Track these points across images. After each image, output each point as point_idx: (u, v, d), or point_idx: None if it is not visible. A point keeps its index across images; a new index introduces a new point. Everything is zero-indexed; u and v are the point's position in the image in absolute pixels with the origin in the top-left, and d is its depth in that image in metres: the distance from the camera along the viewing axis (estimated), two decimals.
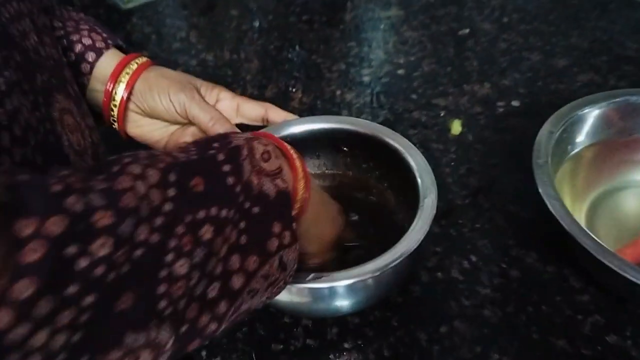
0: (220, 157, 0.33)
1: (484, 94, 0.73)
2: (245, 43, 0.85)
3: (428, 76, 0.77)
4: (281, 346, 0.49)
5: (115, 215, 0.25)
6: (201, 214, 0.30)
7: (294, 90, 0.76)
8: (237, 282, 0.32)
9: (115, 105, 0.53)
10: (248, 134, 0.38)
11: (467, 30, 0.85)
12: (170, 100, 0.52)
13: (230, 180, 0.33)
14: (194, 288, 0.29)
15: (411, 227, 0.44)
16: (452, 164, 0.64)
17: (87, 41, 0.51)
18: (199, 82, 0.55)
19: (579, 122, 0.55)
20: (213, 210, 0.31)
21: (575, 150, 0.56)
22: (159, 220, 0.28)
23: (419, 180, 0.48)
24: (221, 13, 0.94)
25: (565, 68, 0.77)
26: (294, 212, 0.38)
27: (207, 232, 0.30)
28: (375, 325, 0.50)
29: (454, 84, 0.75)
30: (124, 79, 0.52)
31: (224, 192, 0.32)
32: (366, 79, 0.77)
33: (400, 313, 0.51)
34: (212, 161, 0.33)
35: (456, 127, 0.69)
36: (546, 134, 0.53)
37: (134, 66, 0.53)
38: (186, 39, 0.87)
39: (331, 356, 0.48)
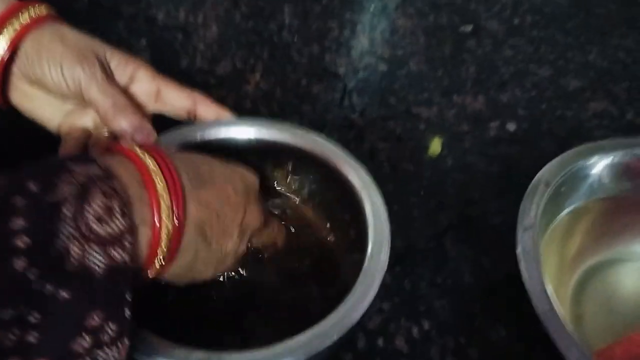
0: (18, 223, 0.23)
1: (476, 109, 0.61)
2: (207, 5, 0.71)
3: (414, 78, 0.64)
4: None
5: None
6: None
7: (251, 70, 0.63)
8: None
9: None
10: (98, 169, 0.27)
11: (469, 27, 0.72)
12: (63, 74, 0.39)
13: (21, 263, 0.22)
14: None
15: (345, 301, 0.33)
16: (422, 192, 0.53)
17: None
18: (109, 53, 0.41)
19: (582, 174, 0.43)
20: None
21: (572, 207, 0.44)
22: None
23: (369, 234, 0.37)
24: None
25: (577, 91, 0.64)
26: (151, 273, 0.29)
27: None
28: None
29: (443, 91, 0.63)
30: (8, 33, 0.38)
31: (6, 282, 0.22)
32: (341, 69, 0.64)
33: None
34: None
35: (435, 146, 0.57)
36: (540, 187, 0.41)
37: (25, 17, 0.39)
38: None
39: None
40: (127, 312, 0.26)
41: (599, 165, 0.44)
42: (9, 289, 0.22)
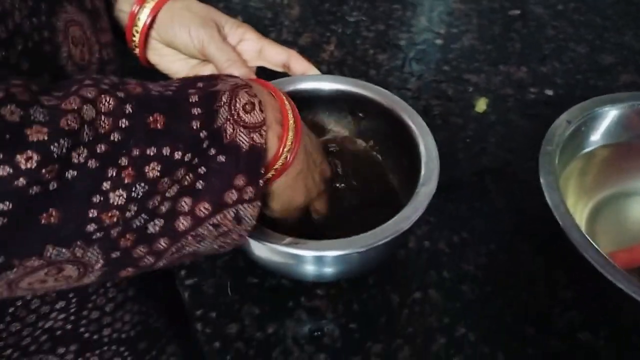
0: (194, 98, 0.33)
1: (519, 77, 0.71)
2: None
3: (466, 50, 0.75)
4: (256, 280, 0.51)
5: (50, 133, 0.26)
6: (150, 151, 0.30)
7: (327, 42, 0.75)
8: (183, 224, 0.33)
9: (137, 31, 0.52)
10: (243, 81, 0.37)
11: (517, 12, 0.82)
12: (190, 35, 0.51)
13: (195, 124, 0.32)
14: (130, 220, 0.30)
15: (401, 212, 0.43)
16: (468, 140, 0.64)
17: None
18: (224, 19, 0.53)
19: (599, 118, 0.53)
20: (165, 150, 0.31)
21: (590, 148, 0.54)
22: (102, 147, 0.28)
23: (422, 165, 0.47)
24: None
25: (610, 65, 0.73)
26: (269, 173, 0.38)
27: (152, 170, 0.30)
28: (352, 279, 0.51)
29: (491, 62, 0.73)
30: (149, 4, 0.51)
31: (184, 134, 0.32)
32: (402, 42, 0.76)
33: (378, 272, 0.51)
34: (182, 101, 0.33)
35: (481, 104, 0.67)
36: (562, 124, 0.51)
37: None
38: None
39: (302, 299, 0.49)
40: (261, 182, 0.35)
41: (614, 112, 0.53)
42: (189, 139, 0.32)
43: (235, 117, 0.34)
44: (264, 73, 0.55)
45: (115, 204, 0.29)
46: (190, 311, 0.49)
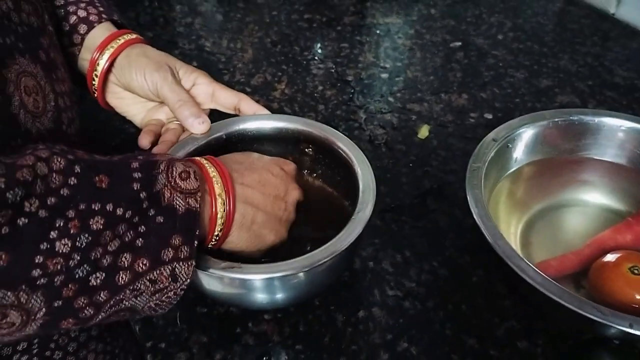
0: (135, 165, 0.37)
1: (460, 104, 0.75)
2: (244, 34, 0.89)
3: (409, 82, 0.79)
4: (205, 309, 0.52)
5: (6, 182, 0.29)
6: (95, 206, 0.34)
7: (278, 81, 0.79)
8: (122, 278, 0.36)
9: (96, 75, 0.55)
10: (177, 157, 0.41)
11: (459, 43, 0.87)
12: (145, 79, 0.54)
13: (136, 185, 0.36)
14: (74, 269, 0.33)
15: (336, 238, 0.46)
16: (411, 165, 0.66)
17: (82, 13, 0.55)
18: (178, 64, 0.57)
19: (523, 135, 0.56)
20: (109, 207, 0.34)
21: (517, 165, 0.57)
22: (52, 200, 0.32)
23: (360, 193, 0.49)
24: (228, 4, 0.98)
25: (547, 88, 0.77)
26: (215, 232, 0.42)
27: (96, 222, 0.33)
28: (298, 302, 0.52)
29: (433, 92, 0.77)
30: (109, 51, 0.54)
31: (126, 195, 0.36)
32: (350, 78, 0.80)
33: (325, 294, 0.53)
34: (125, 166, 0.37)
35: (423, 131, 0.71)
36: (489, 142, 0.54)
37: (121, 40, 0.56)
38: (191, 24, 0.92)
39: (250, 324, 0.51)
40: (195, 242, 0.38)
41: (536, 129, 0.57)
42: (130, 198, 0.36)
43: (172, 183, 0.38)
44: (216, 113, 0.58)
45: (61, 251, 0.32)
46: (140, 343, 0.50)
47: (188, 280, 0.39)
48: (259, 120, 0.57)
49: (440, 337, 0.50)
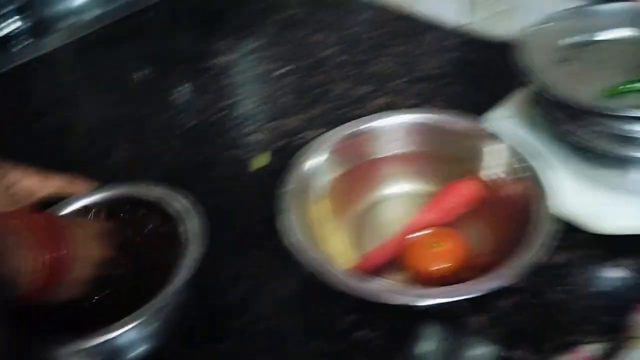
0: None
1: (294, 125, 0.82)
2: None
3: (244, 117, 0.86)
4: None
5: None
6: None
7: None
8: None
9: None
10: None
11: (283, 70, 0.94)
12: None
13: None
14: None
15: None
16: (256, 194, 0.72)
17: None
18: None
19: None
20: None
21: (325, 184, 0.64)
22: None
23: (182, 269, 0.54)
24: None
25: (367, 94, 0.86)
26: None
27: None
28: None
29: (268, 119, 0.84)
30: None
31: None
32: (192, 123, 0.86)
33: None
34: None
35: (260, 160, 0.77)
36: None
37: None
38: None
39: None
40: None
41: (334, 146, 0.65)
42: None
43: None
44: None
45: None
46: None
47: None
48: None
49: (290, 343, 0.56)
